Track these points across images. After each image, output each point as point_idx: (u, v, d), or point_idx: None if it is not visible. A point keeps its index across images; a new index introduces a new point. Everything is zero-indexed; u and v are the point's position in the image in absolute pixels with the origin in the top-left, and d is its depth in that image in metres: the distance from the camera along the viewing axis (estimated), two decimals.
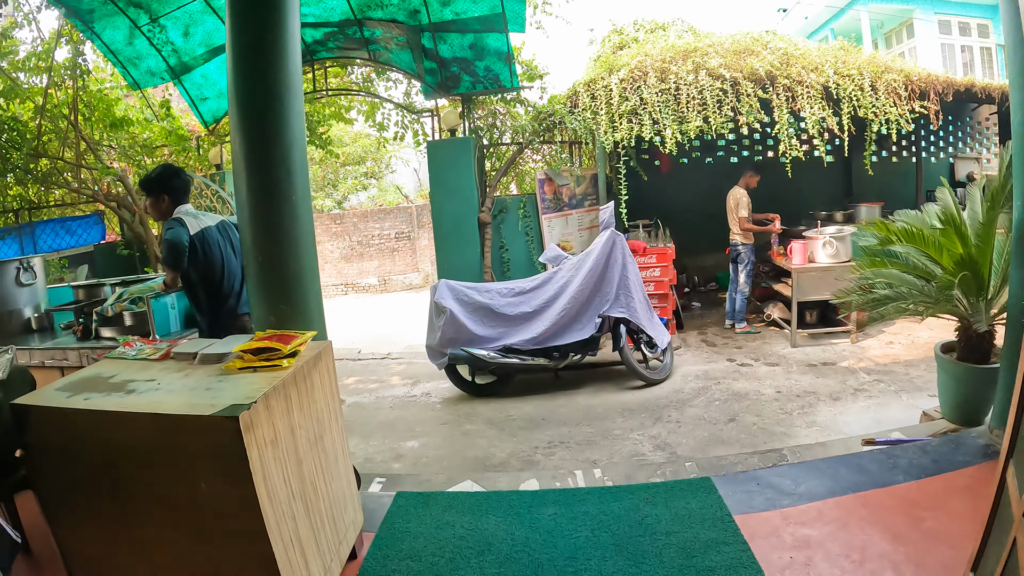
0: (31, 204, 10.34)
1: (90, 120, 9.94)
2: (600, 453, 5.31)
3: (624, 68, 8.20)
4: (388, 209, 18.53)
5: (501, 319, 6.79)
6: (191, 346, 3.15)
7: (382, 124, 10.41)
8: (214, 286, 4.25)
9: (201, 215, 4.32)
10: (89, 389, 2.75)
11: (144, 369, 3.00)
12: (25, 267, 5.06)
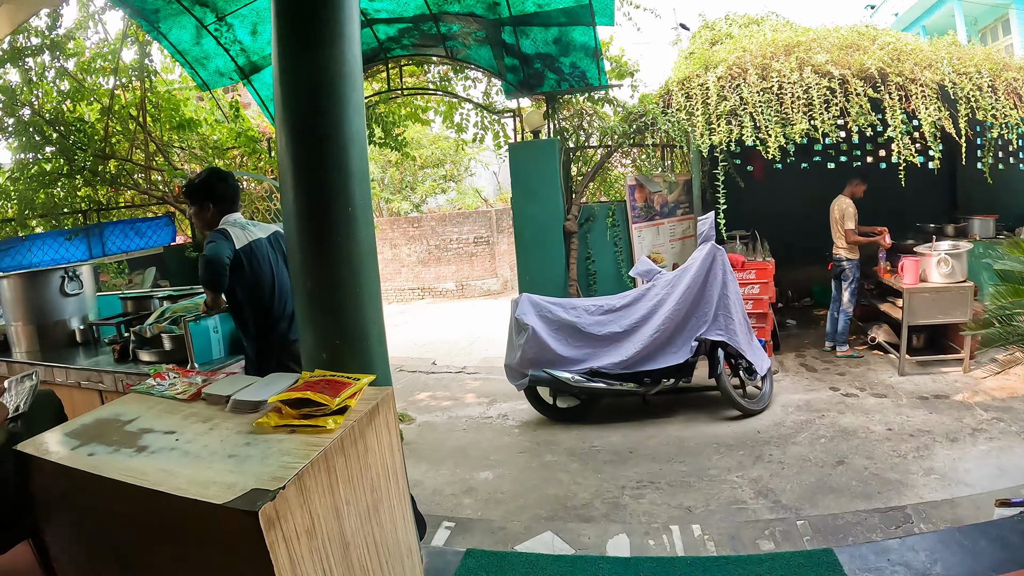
0: (100, 205, 10.12)
1: (159, 121, 9.75)
2: (696, 498, 4.67)
3: (721, 65, 7.48)
4: (467, 213, 18.08)
5: (587, 339, 6.16)
6: (226, 385, 2.65)
7: (460, 125, 9.83)
8: (263, 307, 3.73)
9: (251, 225, 3.82)
10: (99, 439, 2.32)
11: (168, 413, 2.52)
12: (71, 276, 4.68)
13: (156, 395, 2.75)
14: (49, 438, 2.44)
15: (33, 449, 2.33)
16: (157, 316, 3.91)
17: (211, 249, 3.47)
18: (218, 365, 3.63)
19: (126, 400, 2.79)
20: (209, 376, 2.90)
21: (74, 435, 2.41)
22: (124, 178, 9.98)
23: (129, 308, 4.78)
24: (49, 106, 9.30)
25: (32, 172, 9.23)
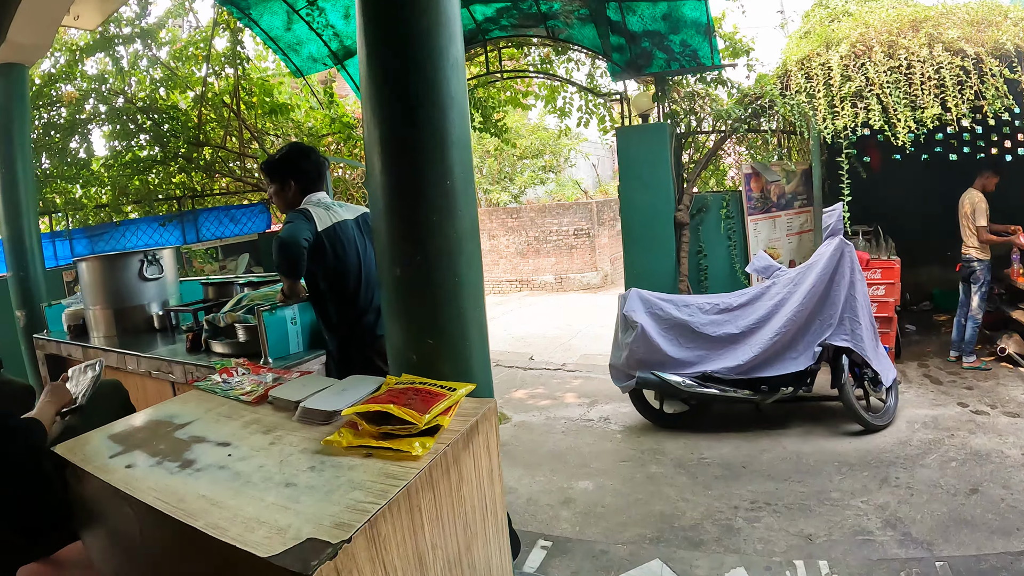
0: (194, 192, 10.15)
1: (252, 108, 9.70)
2: (816, 525, 4.09)
3: (844, 42, 6.75)
4: (567, 204, 17.48)
5: (701, 340, 5.60)
6: (297, 388, 2.25)
7: (564, 109, 9.19)
8: (347, 297, 3.30)
9: (336, 206, 3.41)
10: (143, 445, 1.98)
11: (227, 419, 2.14)
12: (150, 260, 4.43)
13: (220, 394, 2.38)
14: (92, 440, 2.11)
15: (68, 452, 2.01)
16: (233, 304, 3.54)
17: (288, 230, 3.07)
18: (294, 361, 3.19)
19: (186, 398, 2.44)
20: (282, 375, 2.51)
21: (118, 439, 2.07)
22: (219, 165, 10.02)
23: (210, 294, 4.48)
24: (142, 94, 9.36)
25: (126, 159, 9.25)
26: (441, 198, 2.34)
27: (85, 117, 8.98)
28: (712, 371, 5.42)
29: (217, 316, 3.43)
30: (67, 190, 9.07)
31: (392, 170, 2.37)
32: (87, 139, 9.17)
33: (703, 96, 7.77)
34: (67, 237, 8.32)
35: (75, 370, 3.11)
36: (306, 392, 2.15)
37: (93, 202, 9.13)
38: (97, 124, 9.15)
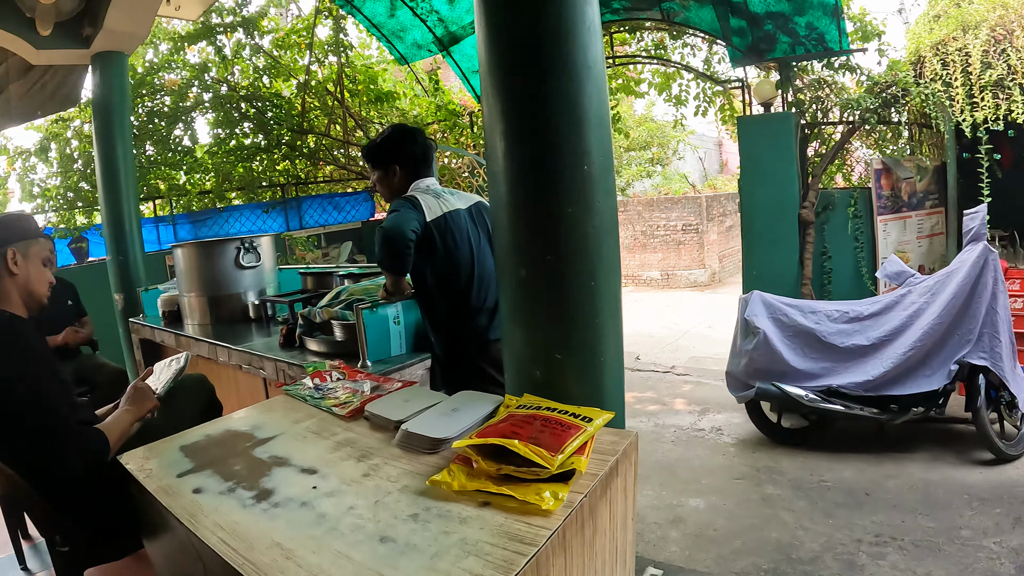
0: (298, 180, 10.12)
1: (356, 96, 9.65)
2: (946, 568, 3.55)
3: (983, 25, 6.04)
4: (675, 199, 16.75)
5: (827, 351, 5.05)
6: (398, 403, 1.93)
7: (679, 97, 8.72)
8: (458, 295, 2.90)
9: (447, 193, 3.02)
10: (218, 464, 1.71)
11: (315, 435, 1.83)
12: (247, 247, 4.21)
13: (310, 402, 2.10)
14: (161, 451, 1.87)
15: (135, 464, 1.78)
16: (331, 297, 3.24)
17: (392, 221, 2.71)
18: (396, 365, 2.80)
19: (272, 405, 2.17)
20: (381, 382, 2.20)
21: (191, 452, 1.82)
22: (323, 153, 9.97)
23: (308, 285, 4.23)
24: (246, 82, 9.39)
25: (229, 147, 9.30)
26: (577, 187, 1.95)
27: (188, 105, 9.05)
28: (838, 385, 4.89)
29: (313, 311, 3.13)
30: (171, 176, 9.15)
31: (517, 153, 2.00)
32: (191, 127, 9.26)
33: (830, 84, 7.16)
34: (171, 222, 8.40)
35: (160, 365, 2.93)
36: (409, 410, 1.83)
37: (197, 188, 9.19)
38: (201, 112, 9.20)
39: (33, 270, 2.29)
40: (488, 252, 2.91)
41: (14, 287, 2.26)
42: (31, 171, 8.08)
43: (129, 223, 5.75)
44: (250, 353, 3.22)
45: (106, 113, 5.62)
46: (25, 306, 2.30)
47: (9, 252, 2.23)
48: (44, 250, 2.36)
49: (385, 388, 2.10)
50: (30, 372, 2.08)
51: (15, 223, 2.32)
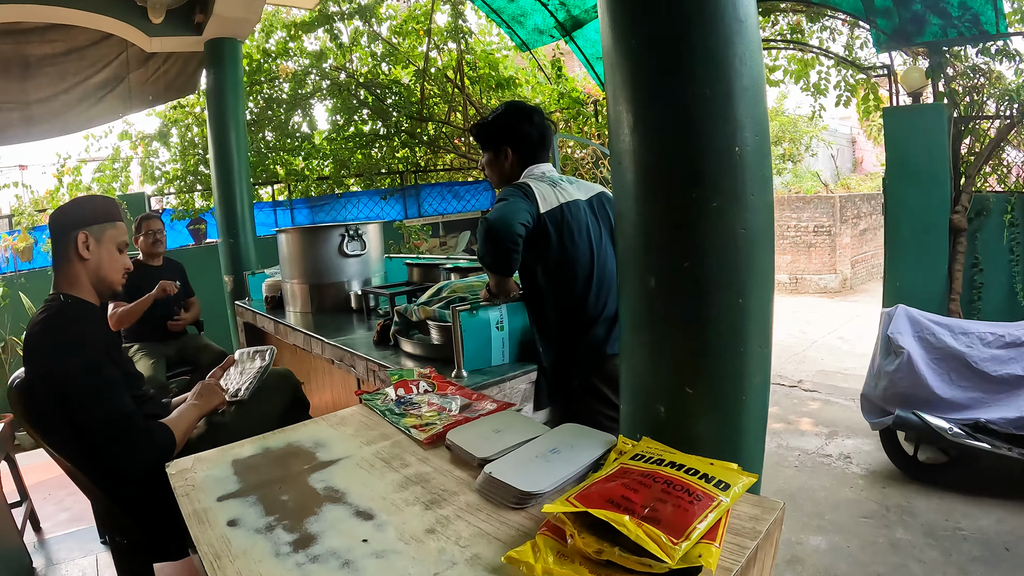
0: (417, 167, 10.03)
1: (477, 83, 9.51)
2: None
3: None
4: (807, 198, 15.82)
5: (978, 379, 4.41)
6: (486, 434, 1.58)
7: (818, 86, 7.95)
8: (573, 300, 2.44)
9: (565, 182, 2.57)
10: (264, 489, 1.47)
11: (383, 466, 1.53)
12: (352, 235, 4.01)
13: (388, 419, 1.80)
14: (209, 463, 1.64)
15: (178, 476, 1.59)
16: (431, 293, 2.93)
17: (500, 212, 2.28)
18: (496, 377, 2.41)
19: (346, 418, 1.89)
20: (474, 399, 1.86)
21: (241, 468, 1.58)
22: (443, 141, 9.87)
23: (414, 277, 3.97)
24: (364, 69, 9.38)
25: (348, 133, 9.31)
26: (725, 173, 1.52)
27: (306, 92, 9.14)
28: (986, 420, 4.27)
29: (409, 307, 2.84)
30: (289, 162, 9.23)
31: (647, 128, 1.58)
32: (309, 113, 9.36)
33: (985, 72, 6.40)
34: (288, 207, 8.47)
35: (243, 353, 2.77)
36: (498, 444, 1.49)
37: (315, 174, 9.23)
38: (319, 99, 9.29)
39: (106, 255, 2.17)
40: (610, 251, 2.48)
41: (84, 272, 2.15)
42: (153, 155, 8.28)
43: (241, 207, 5.80)
44: (342, 348, 2.97)
45: (219, 98, 5.71)
46: (96, 292, 2.19)
47: (80, 235, 2.11)
48: (120, 235, 2.23)
49: (477, 408, 1.77)
50: (91, 362, 1.94)
51: (89, 205, 2.21)
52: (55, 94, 5.83)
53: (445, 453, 1.56)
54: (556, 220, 2.38)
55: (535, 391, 2.43)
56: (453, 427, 1.63)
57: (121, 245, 2.23)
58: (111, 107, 6.18)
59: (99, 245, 2.15)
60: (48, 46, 5.56)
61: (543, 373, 2.43)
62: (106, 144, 7.99)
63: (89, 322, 2.03)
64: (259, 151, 8.80)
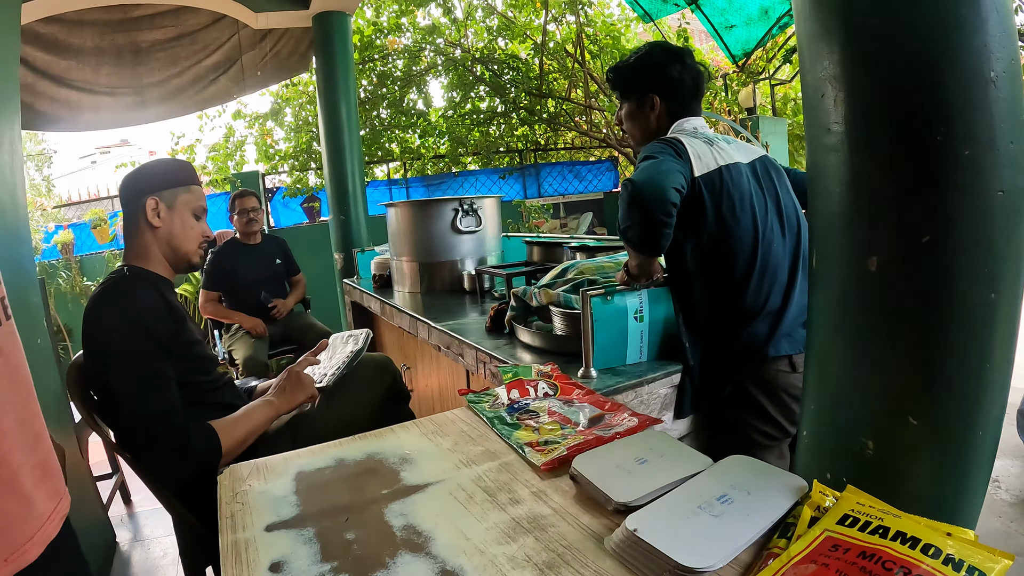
0: (537, 146, 9.66)
1: (598, 57, 9.01)
2: None
3: None
4: None
5: None
6: (627, 465, 1.14)
7: None
8: (730, 288, 1.92)
9: (722, 140, 2.04)
10: (325, 520, 1.11)
11: (484, 499, 1.14)
12: (466, 210, 3.64)
13: (496, 432, 1.41)
14: (271, 472, 1.32)
15: (226, 490, 1.28)
16: (555, 274, 2.47)
17: (648, 173, 1.75)
18: (632, 379, 1.86)
19: (442, 426, 1.51)
20: (606, 410, 1.41)
21: (305, 485, 1.26)
22: (563, 118, 9.48)
23: (534, 256, 3.55)
24: (480, 44, 9.14)
25: (464, 110, 9.09)
26: (976, 108, 1.04)
27: (421, 68, 8.98)
28: None
29: (529, 290, 2.38)
30: (404, 140, 9.09)
31: (865, 44, 1.11)
32: (424, 90, 9.24)
33: None
34: (404, 185, 8.30)
35: (337, 338, 2.47)
36: (644, 484, 1.06)
37: (431, 152, 9.08)
38: (434, 75, 9.13)
39: (178, 222, 1.95)
40: (777, 230, 1.94)
41: (155, 241, 1.94)
42: (268, 134, 8.28)
43: (352, 184, 5.66)
44: (449, 335, 2.59)
45: (329, 73, 5.61)
46: (169, 264, 1.98)
47: (150, 201, 1.91)
48: (196, 199, 2.00)
49: (611, 423, 1.34)
50: (129, 349, 1.70)
51: (160, 169, 1.99)
52: (167, 77, 5.93)
53: (568, 485, 1.15)
54: (714, 186, 1.87)
55: (677, 395, 1.93)
56: (581, 450, 1.21)
57: (197, 211, 1.99)
58: (224, 88, 6.22)
59: (171, 211, 1.93)
60: (159, 32, 5.63)
61: (688, 374, 1.94)
62: (219, 123, 8.04)
63: (143, 300, 1.77)
64: (373, 128, 8.69)
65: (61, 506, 1.00)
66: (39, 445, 0.98)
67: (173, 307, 1.85)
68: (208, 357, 1.95)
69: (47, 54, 5.33)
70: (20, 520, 0.90)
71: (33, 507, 0.93)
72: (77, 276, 6.44)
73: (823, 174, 1.19)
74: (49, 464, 1.01)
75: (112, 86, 5.76)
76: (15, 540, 0.89)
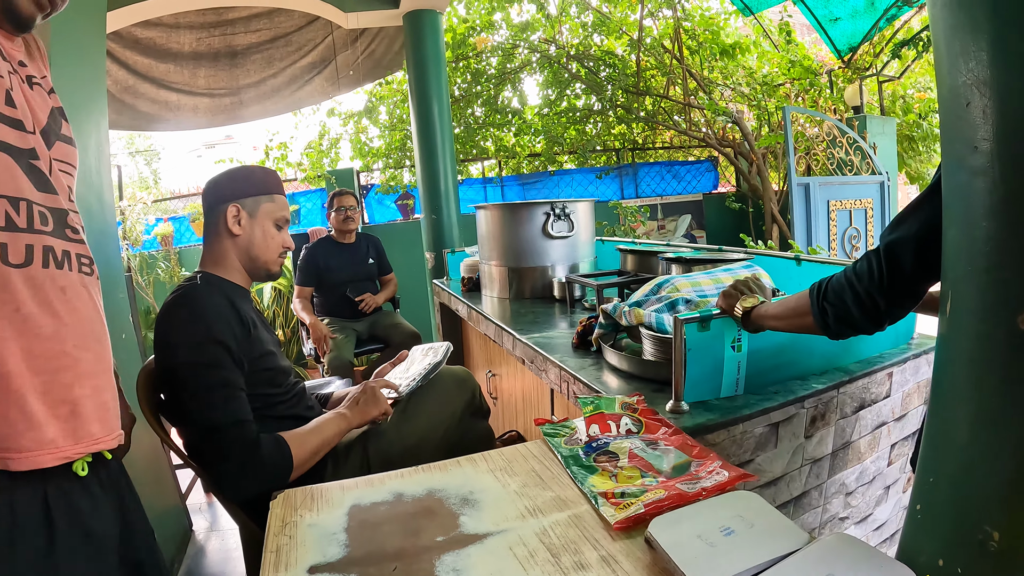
0: (635, 145, 9.47)
1: (696, 53, 8.71)
2: None
3: None
4: None
5: None
6: (713, 536, 0.99)
7: None
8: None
9: None
10: (370, 566, 1.00)
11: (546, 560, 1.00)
12: (558, 214, 3.49)
13: (570, 475, 1.28)
14: (325, 501, 1.27)
15: (276, 519, 1.23)
16: (648, 290, 2.30)
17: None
18: (726, 416, 1.62)
19: (512, 462, 1.40)
20: (695, 456, 1.26)
21: (357, 522, 1.18)
22: (661, 116, 9.22)
23: (627, 265, 3.37)
24: (575, 41, 8.97)
25: (560, 108, 8.95)
26: None
27: (515, 66, 8.91)
28: None
29: (619, 307, 2.22)
30: (499, 138, 9.03)
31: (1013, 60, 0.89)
32: (518, 88, 9.19)
33: None
34: (499, 184, 8.29)
35: (417, 350, 2.41)
36: (732, 561, 0.91)
37: (526, 151, 8.99)
38: (528, 72, 9.05)
39: (259, 232, 1.92)
40: None
41: (233, 249, 1.91)
42: (363, 132, 8.35)
43: (445, 182, 5.66)
44: (533, 349, 2.46)
45: (421, 72, 5.62)
46: (247, 272, 1.95)
47: (231, 209, 1.88)
48: (279, 210, 1.96)
49: (698, 474, 1.18)
50: (198, 360, 1.64)
51: (244, 176, 1.96)
52: (263, 79, 6.13)
53: (642, 550, 1.00)
54: None
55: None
56: (660, 508, 1.06)
57: (280, 221, 1.96)
58: (319, 88, 6.40)
59: (252, 220, 1.90)
60: (253, 35, 5.82)
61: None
62: (314, 121, 8.18)
63: (214, 309, 1.72)
64: (468, 126, 8.68)
65: (76, 449, 1.08)
66: (70, 388, 1.07)
67: (244, 317, 1.80)
68: (280, 368, 1.90)
69: (147, 58, 5.55)
70: (17, 433, 1.00)
71: (37, 429, 1.02)
72: (176, 267, 6.66)
73: (964, 203, 0.98)
74: (82, 410, 1.09)
75: (210, 88, 6.00)
76: (6, 445, 0.99)
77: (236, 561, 3.18)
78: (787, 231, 7.91)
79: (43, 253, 1.05)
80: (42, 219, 1.06)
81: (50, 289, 1.06)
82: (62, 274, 1.08)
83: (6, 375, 0.99)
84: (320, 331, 4.32)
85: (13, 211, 1.01)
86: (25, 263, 1.02)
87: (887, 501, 2.07)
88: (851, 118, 7.73)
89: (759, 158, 8.32)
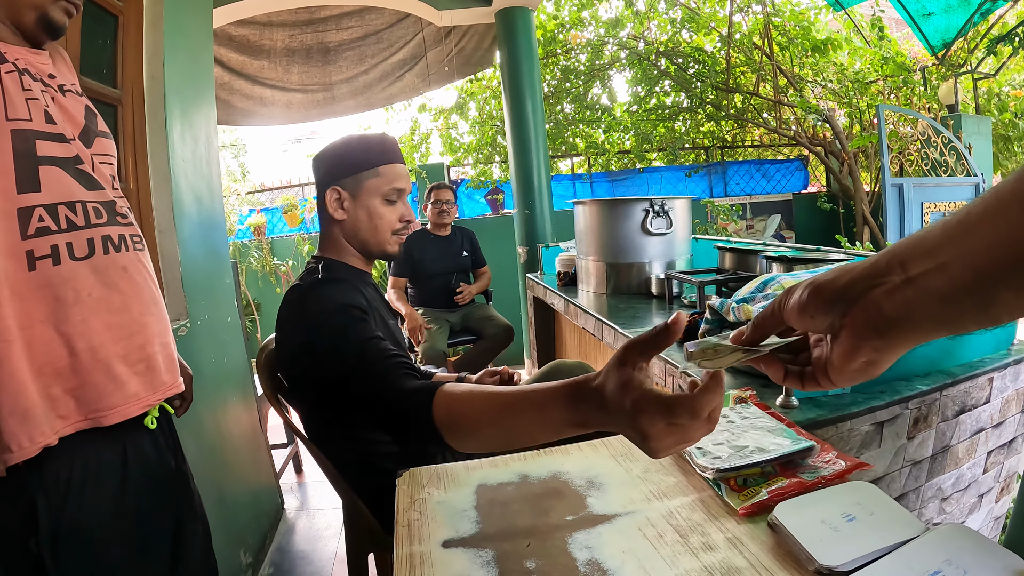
0: (724, 143, 9.42)
1: (787, 49, 8.55)
2: None
3: None
4: None
5: None
6: (834, 521, 1.02)
7: None
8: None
9: None
10: (505, 539, 1.08)
11: (675, 539, 1.06)
12: (657, 211, 3.50)
13: (692, 464, 1.29)
14: (452, 481, 1.30)
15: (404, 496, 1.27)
16: (754, 288, 2.32)
17: None
18: (833, 412, 1.64)
19: (631, 448, 1.40)
20: (827, 458, 1.25)
21: (486, 500, 1.22)
22: (751, 114, 9.11)
23: (726, 263, 3.37)
24: (664, 38, 8.95)
25: (649, 106, 8.98)
26: None
27: (604, 63, 8.92)
28: None
29: (727, 303, 2.24)
30: (589, 135, 9.08)
31: None
32: (607, 85, 9.22)
33: None
34: (588, 180, 8.33)
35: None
36: (854, 545, 0.94)
37: (615, 147, 8.99)
38: (617, 69, 9.08)
39: (364, 214, 1.79)
40: None
41: (342, 234, 1.83)
42: (453, 127, 8.46)
43: (538, 178, 5.74)
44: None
45: (514, 69, 5.71)
46: (361, 254, 1.86)
47: (331, 193, 1.78)
48: (386, 183, 1.79)
49: (814, 464, 1.22)
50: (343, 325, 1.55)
51: (340, 153, 1.81)
52: (355, 75, 6.30)
53: (766, 534, 1.05)
54: None
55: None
56: (783, 495, 1.11)
57: (389, 194, 1.80)
58: (410, 84, 6.52)
59: (355, 201, 1.78)
60: (345, 32, 6.02)
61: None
62: (405, 117, 8.36)
63: (341, 289, 1.67)
64: (557, 123, 8.73)
65: (155, 397, 1.33)
66: (143, 348, 1.31)
67: (367, 300, 1.74)
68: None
69: (241, 55, 5.81)
70: (106, 394, 1.22)
71: (123, 388, 1.25)
72: (268, 256, 6.91)
73: None
74: (155, 364, 1.33)
75: (303, 84, 6.21)
76: (99, 406, 1.21)
77: (325, 540, 3.35)
78: (879, 233, 7.71)
79: (103, 242, 1.25)
80: (96, 214, 1.25)
81: (113, 270, 1.26)
82: (121, 255, 1.28)
83: (93, 348, 1.20)
84: (415, 321, 4.42)
85: (72, 213, 1.20)
86: (89, 254, 1.22)
87: (979, 510, 2.04)
88: (945, 117, 7.49)
89: (851, 157, 8.13)
